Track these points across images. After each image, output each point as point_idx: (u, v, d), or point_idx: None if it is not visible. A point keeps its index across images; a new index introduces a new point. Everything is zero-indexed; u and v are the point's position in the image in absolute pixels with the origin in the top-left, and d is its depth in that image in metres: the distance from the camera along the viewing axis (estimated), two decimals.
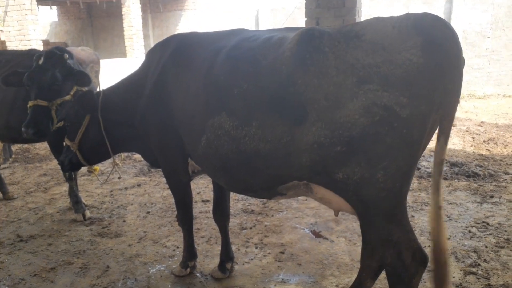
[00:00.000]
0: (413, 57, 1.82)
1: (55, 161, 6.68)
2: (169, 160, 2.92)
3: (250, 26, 14.66)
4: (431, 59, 1.81)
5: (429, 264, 2.10)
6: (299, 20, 14.14)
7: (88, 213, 4.48)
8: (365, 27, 1.98)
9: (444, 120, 1.92)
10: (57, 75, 3.72)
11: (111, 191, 5.33)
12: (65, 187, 5.45)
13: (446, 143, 1.94)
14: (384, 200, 1.97)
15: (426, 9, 11.98)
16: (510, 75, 12.15)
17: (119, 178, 4.22)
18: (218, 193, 3.20)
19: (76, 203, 4.45)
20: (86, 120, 3.21)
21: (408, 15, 1.91)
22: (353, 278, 3.14)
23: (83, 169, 5.72)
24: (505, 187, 4.86)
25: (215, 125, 2.34)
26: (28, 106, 3.66)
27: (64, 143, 3.42)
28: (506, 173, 5.40)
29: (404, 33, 1.86)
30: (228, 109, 2.28)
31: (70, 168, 3.44)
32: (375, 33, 1.93)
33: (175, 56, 2.74)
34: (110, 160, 3.58)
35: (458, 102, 1.91)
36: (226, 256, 3.22)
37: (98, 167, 3.61)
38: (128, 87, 3.13)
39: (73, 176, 4.48)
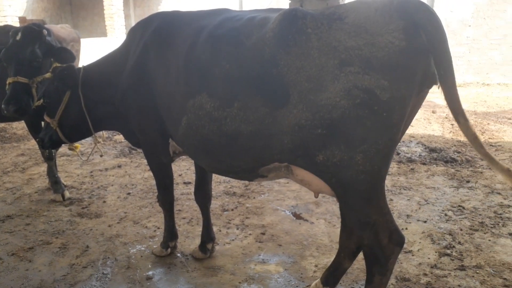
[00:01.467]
0: (395, 40, 1.82)
1: (33, 141, 6.55)
2: (150, 140, 2.89)
3: (234, 7, 14.44)
4: (413, 42, 1.82)
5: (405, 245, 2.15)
6: (283, 2, 14.04)
7: (67, 194, 4.42)
8: (348, 9, 1.97)
9: (451, 104, 1.90)
10: (37, 52, 3.61)
11: (91, 172, 5.26)
12: (43, 167, 5.36)
13: (466, 120, 1.91)
14: (363, 182, 2.00)
15: None
16: (489, 64, 12.39)
17: (101, 156, 4.16)
18: (200, 175, 3.19)
19: (55, 183, 4.38)
20: (67, 97, 3.13)
21: None
22: (332, 258, 3.21)
23: (62, 150, 5.65)
24: (481, 172, 5.00)
25: (195, 105, 2.31)
26: (7, 83, 3.55)
27: (44, 120, 3.34)
28: (482, 159, 5.54)
29: (387, 16, 1.86)
30: (209, 89, 2.25)
31: (50, 146, 3.37)
32: (358, 15, 1.92)
33: (156, 34, 2.68)
34: (90, 140, 3.53)
35: (454, 82, 1.89)
36: (207, 236, 3.24)
37: (79, 144, 3.54)
38: (109, 64, 3.06)
39: (52, 155, 4.40)
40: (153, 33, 2.70)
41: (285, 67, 2.00)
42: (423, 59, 1.85)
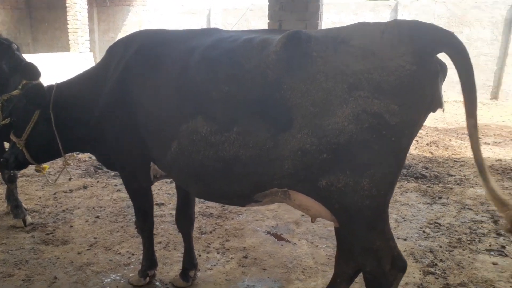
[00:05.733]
0: (406, 64, 1.80)
1: None
2: (128, 164, 2.71)
3: (202, 25, 14.43)
4: (424, 66, 1.80)
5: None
6: (252, 22, 14.17)
7: (29, 219, 4.07)
8: (351, 32, 1.94)
9: (469, 107, 1.88)
10: (3, 68, 3.34)
11: (55, 194, 4.92)
12: (0, 189, 4.95)
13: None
14: (368, 208, 1.94)
15: (373, 17, 12.52)
16: (446, 82, 12.98)
17: (69, 179, 3.87)
18: (182, 199, 3.03)
19: (15, 207, 4.03)
20: (35, 116, 2.91)
21: (397, 21, 1.90)
22: (319, 281, 3.13)
23: (22, 171, 5.26)
24: (451, 188, 5.13)
25: (189, 129, 2.18)
26: None
27: (8, 140, 3.08)
28: (450, 175, 5.71)
29: (395, 40, 1.84)
30: (205, 113, 2.14)
31: (15, 167, 3.10)
32: (362, 38, 1.89)
33: (140, 54, 2.53)
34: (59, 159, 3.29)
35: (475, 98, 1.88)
36: (190, 263, 3.06)
37: (47, 165, 3.28)
38: (86, 83, 2.87)
39: (15, 177, 4.06)
40: (136, 53, 2.55)
41: (288, 90, 1.93)
42: (433, 83, 1.84)
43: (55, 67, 10.32)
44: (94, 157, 5.96)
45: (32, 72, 3.35)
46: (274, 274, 3.23)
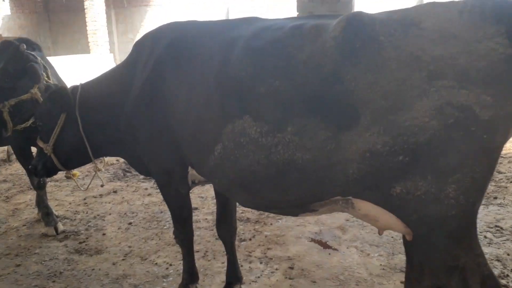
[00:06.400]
0: (499, 47, 1.50)
1: (16, 165, 5.99)
2: (164, 169, 2.48)
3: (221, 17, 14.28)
4: None
5: None
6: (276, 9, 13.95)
7: (61, 226, 3.91)
8: (420, 13, 1.65)
9: None
10: (8, 70, 3.15)
11: (85, 199, 4.75)
12: (30, 195, 4.83)
13: None
14: (453, 219, 1.64)
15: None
16: None
17: (102, 186, 3.72)
18: (222, 205, 2.79)
19: (46, 214, 3.87)
20: (62, 119, 2.72)
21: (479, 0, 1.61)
22: None
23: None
24: (506, 187, 4.75)
25: (235, 131, 1.92)
26: None
27: (35, 145, 2.90)
28: (499, 172, 5.32)
29: (479, 20, 1.54)
30: (253, 112, 1.88)
31: (44, 174, 2.94)
32: (436, 19, 1.60)
33: (172, 48, 2.29)
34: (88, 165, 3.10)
35: None
36: (234, 276, 2.82)
37: (77, 172, 3.09)
38: (113, 82, 2.66)
39: (44, 183, 3.90)
40: (168, 48, 2.31)
41: (352, 82, 1.66)
42: None
43: (76, 69, 10.27)
44: (122, 160, 5.80)
45: (32, 75, 3.13)
46: (325, 287, 2.95)
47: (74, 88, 2.77)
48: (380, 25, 1.66)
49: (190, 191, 2.65)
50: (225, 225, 2.82)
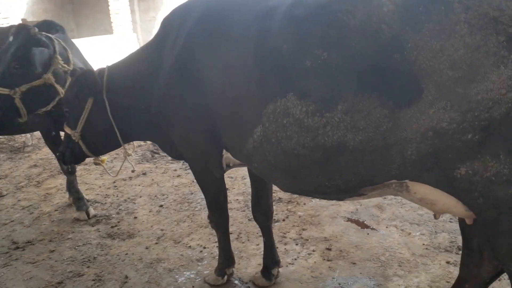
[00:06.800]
0: None
1: (45, 149, 6.04)
2: (199, 154, 2.35)
3: None
4: None
5: None
6: None
7: (92, 211, 3.89)
8: None
9: None
10: (17, 54, 3.04)
11: (114, 182, 4.73)
12: (60, 180, 4.85)
13: None
14: None
15: None
16: None
17: (132, 171, 3.66)
18: (257, 188, 2.66)
19: (78, 199, 3.86)
20: (89, 104, 2.62)
21: None
22: (422, 277, 2.68)
23: None
24: None
25: (277, 111, 1.75)
26: None
27: (63, 130, 2.83)
28: None
29: None
30: (298, 90, 1.70)
31: (72, 161, 2.88)
32: None
33: (204, 23, 2.12)
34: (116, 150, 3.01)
35: None
36: (272, 260, 2.71)
37: (105, 157, 3.01)
38: (140, 63, 2.53)
39: (74, 168, 3.87)
40: (198, 22, 2.14)
41: (414, 50, 1.45)
42: None
43: (99, 51, 10.22)
44: (149, 142, 5.74)
45: (34, 61, 3.01)
46: (366, 269, 2.81)
47: (101, 71, 2.66)
48: None
49: None
50: (261, 209, 2.70)
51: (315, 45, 1.65)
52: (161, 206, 4.02)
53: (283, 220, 3.57)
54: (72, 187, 3.92)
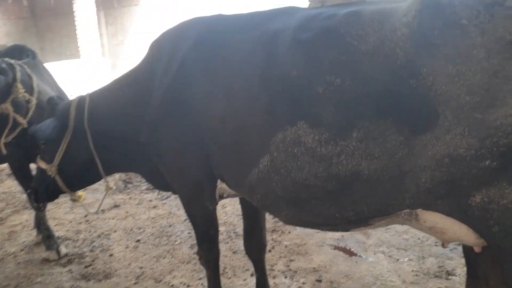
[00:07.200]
0: None
1: (8, 182, 5.68)
2: (191, 184, 2.23)
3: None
4: None
5: None
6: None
7: (63, 249, 3.62)
8: None
9: None
10: None
11: (86, 216, 4.46)
12: (26, 215, 4.54)
13: None
14: None
15: None
16: None
17: (116, 206, 3.43)
18: (251, 219, 2.55)
19: (48, 237, 3.59)
20: (68, 135, 2.46)
21: None
22: None
23: None
24: None
25: (287, 140, 1.68)
26: None
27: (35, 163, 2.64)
28: None
29: None
30: (310, 117, 1.63)
31: (46, 198, 2.68)
32: None
33: (200, 48, 2.04)
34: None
35: None
36: None
37: (83, 193, 2.82)
38: (126, 89, 2.41)
39: (45, 204, 3.60)
40: (194, 47, 2.05)
41: (429, 75, 1.42)
42: None
43: (67, 75, 9.93)
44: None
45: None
46: None
47: (81, 98, 2.51)
48: (461, 7, 1.42)
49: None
50: (254, 241, 2.59)
51: (326, 71, 1.60)
52: (138, 241, 3.80)
53: (269, 251, 3.44)
54: (42, 224, 3.65)
